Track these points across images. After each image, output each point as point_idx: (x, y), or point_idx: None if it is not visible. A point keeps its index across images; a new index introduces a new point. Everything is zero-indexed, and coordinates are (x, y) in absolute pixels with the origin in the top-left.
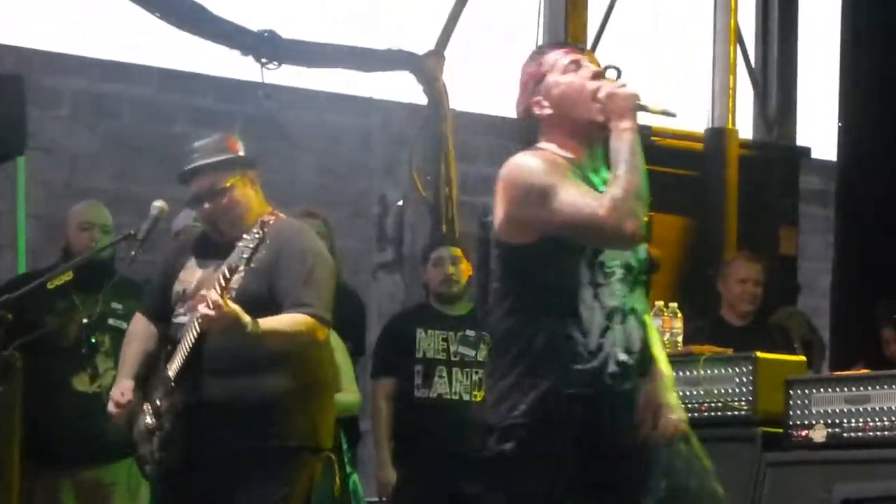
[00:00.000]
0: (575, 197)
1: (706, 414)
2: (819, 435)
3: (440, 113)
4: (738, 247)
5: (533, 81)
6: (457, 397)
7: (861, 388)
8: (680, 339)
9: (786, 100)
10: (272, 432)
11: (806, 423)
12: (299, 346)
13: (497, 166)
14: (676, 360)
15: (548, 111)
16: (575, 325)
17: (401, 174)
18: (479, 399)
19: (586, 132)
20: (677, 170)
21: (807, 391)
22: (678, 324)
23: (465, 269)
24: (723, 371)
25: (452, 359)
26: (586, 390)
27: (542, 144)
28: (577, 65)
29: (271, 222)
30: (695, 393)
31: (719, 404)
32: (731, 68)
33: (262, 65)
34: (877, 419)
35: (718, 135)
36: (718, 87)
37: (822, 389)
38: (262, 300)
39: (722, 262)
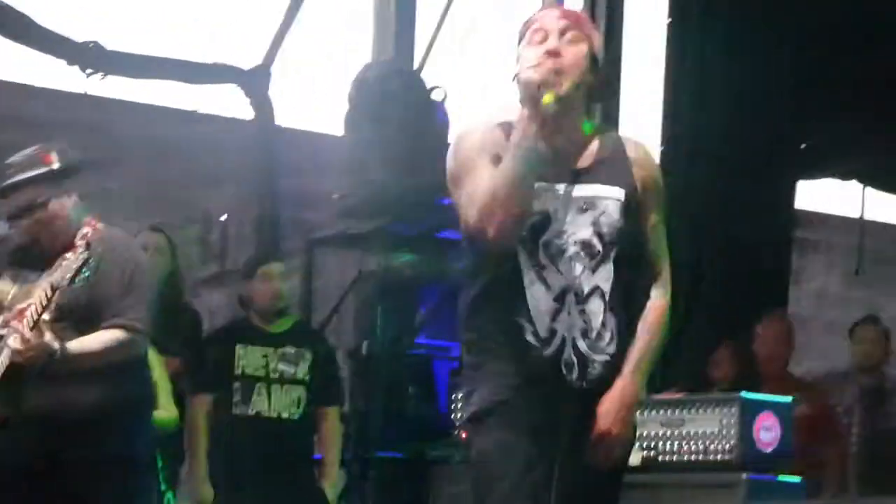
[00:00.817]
0: (469, 192)
1: None
2: (635, 458)
3: (266, 128)
4: None
5: (518, 42)
6: (275, 415)
7: (677, 412)
8: None
9: None
10: (88, 445)
11: None
12: (114, 362)
13: (323, 183)
14: None
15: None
16: (522, 312)
17: (225, 189)
18: (297, 416)
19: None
20: None
21: None
22: None
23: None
24: None
25: (272, 376)
26: (538, 387)
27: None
28: (543, 35)
29: (93, 235)
30: None
31: None
32: None
33: (88, 75)
34: (692, 443)
35: None
36: None
37: (638, 413)
38: (85, 313)
39: None
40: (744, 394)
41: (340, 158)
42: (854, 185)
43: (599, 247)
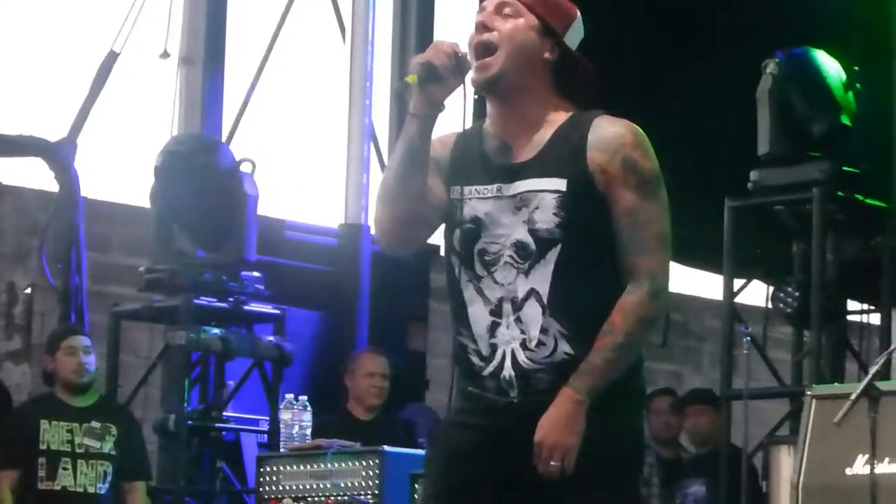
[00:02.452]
0: None
1: None
2: None
3: (72, 201)
4: (369, 342)
5: None
6: (81, 489)
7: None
8: (309, 432)
9: None
10: None
11: None
12: None
13: (128, 255)
14: (305, 455)
15: None
16: (465, 330)
17: (30, 262)
18: (104, 491)
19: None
20: (311, 264)
21: None
22: (307, 417)
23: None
24: (350, 465)
25: (77, 450)
26: (481, 407)
27: None
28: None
29: None
30: (322, 486)
31: (346, 498)
32: (366, 166)
33: None
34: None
35: (351, 231)
36: (352, 184)
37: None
38: None
39: (349, 356)
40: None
41: (146, 231)
42: None
43: (534, 246)
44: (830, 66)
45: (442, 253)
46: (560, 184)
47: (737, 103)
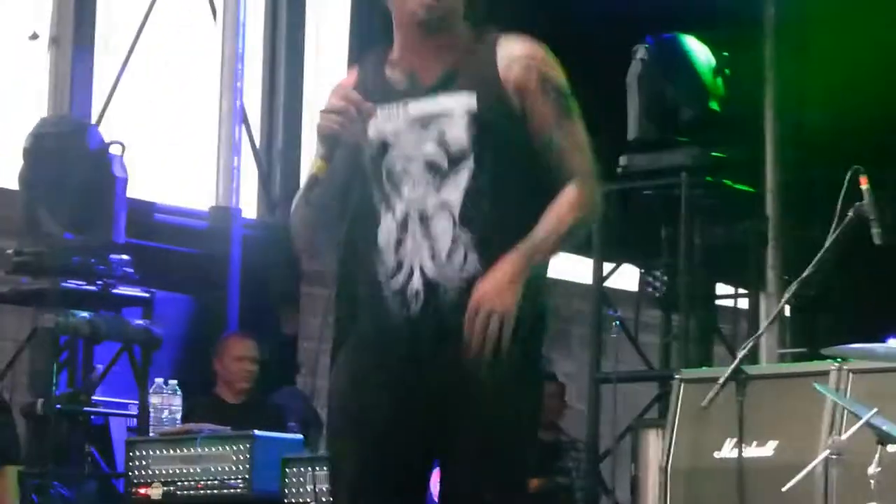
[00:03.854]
0: None
1: (203, 492)
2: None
3: None
4: (240, 326)
5: None
6: None
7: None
8: (179, 416)
9: (290, 181)
10: None
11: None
12: None
13: None
14: (174, 439)
15: None
16: (373, 248)
17: None
18: None
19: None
20: (181, 247)
21: (303, 469)
22: (177, 401)
23: None
24: (220, 449)
25: None
26: (386, 323)
27: None
28: None
29: None
30: (192, 471)
31: (216, 482)
32: (237, 148)
33: None
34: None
35: (222, 214)
36: (223, 167)
37: (319, 468)
38: None
39: (218, 340)
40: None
41: (14, 214)
42: None
43: (445, 162)
44: (700, 52)
45: None
46: (470, 99)
47: (607, 88)
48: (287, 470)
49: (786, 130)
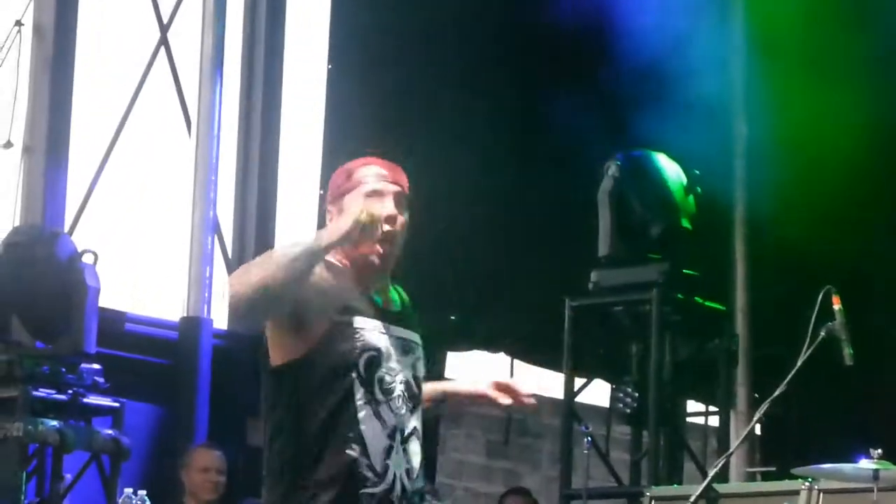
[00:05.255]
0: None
1: None
2: None
3: None
4: (208, 436)
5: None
6: None
7: None
8: None
9: None
10: None
11: None
12: None
13: None
14: None
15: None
16: (358, 446)
17: None
18: None
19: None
20: (151, 357)
21: None
22: None
23: None
24: None
25: None
26: None
27: None
28: (380, 195)
29: None
30: None
31: None
32: (208, 258)
33: None
34: None
35: (192, 324)
36: (194, 277)
37: None
38: None
39: (185, 451)
40: None
41: None
42: (503, 358)
43: (416, 389)
44: (670, 169)
45: None
46: (419, 342)
47: (579, 204)
48: None
49: (756, 250)
